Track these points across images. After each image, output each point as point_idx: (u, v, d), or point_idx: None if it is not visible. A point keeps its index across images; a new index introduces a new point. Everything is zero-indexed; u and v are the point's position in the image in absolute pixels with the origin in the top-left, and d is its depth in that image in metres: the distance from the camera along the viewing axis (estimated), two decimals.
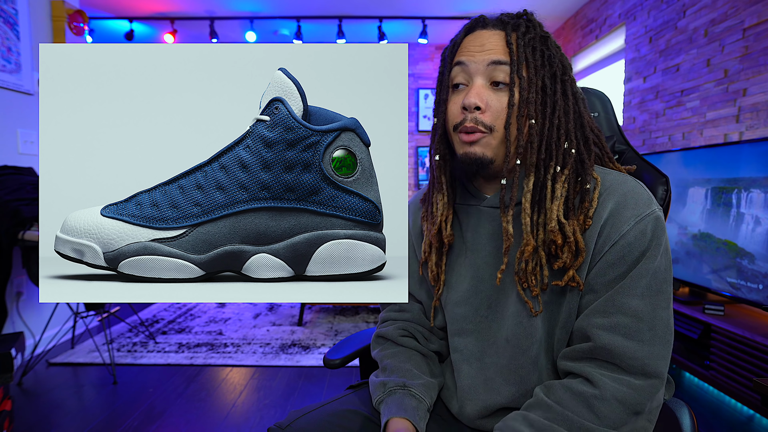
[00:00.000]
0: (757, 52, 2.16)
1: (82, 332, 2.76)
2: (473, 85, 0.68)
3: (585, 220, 0.65)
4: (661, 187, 0.84)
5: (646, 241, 0.63)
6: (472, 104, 0.67)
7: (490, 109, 0.67)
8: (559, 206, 0.66)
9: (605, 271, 0.65)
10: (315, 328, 2.91)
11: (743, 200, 1.82)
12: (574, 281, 0.65)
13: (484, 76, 0.68)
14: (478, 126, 0.67)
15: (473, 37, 0.71)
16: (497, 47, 0.68)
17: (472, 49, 0.69)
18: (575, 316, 0.68)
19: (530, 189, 0.67)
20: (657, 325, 0.62)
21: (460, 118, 0.69)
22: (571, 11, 4.24)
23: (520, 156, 0.68)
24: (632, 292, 0.63)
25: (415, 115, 5.39)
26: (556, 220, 0.65)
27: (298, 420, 0.75)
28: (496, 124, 0.68)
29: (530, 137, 0.67)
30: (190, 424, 1.77)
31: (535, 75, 0.67)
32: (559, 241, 0.65)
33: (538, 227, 0.67)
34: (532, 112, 0.66)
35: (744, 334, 1.67)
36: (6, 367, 1.66)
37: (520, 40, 0.68)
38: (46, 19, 2.66)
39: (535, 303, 0.68)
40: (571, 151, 0.67)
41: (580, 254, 0.65)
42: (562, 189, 0.66)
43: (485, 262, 0.74)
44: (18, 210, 2.06)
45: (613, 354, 0.62)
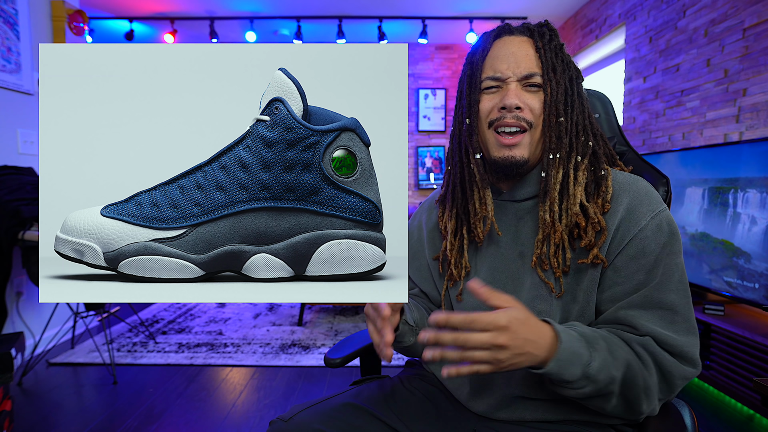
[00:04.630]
0: (757, 52, 2.16)
1: (82, 332, 2.76)
2: (510, 89, 0.74)
3: (603, 204, 0.71)
4: (661, 188, 0.85)
5: (663, 235, 0.69)
6: (513, 104, 0.73)
7: (528, 108, 0.74)
8: (581, 191, 0.72)
9: (628, 264, 0.70)
10: (315, 328, 2.91)
11: (740, 200, 1.82)
12: (598, 259, 0.70)
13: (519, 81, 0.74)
14: (521, 122, 0.73)
15: (502, 43, 0.76)
16: (528, 55, 0.74)
17: (503, 57, 0.75)
18: (593, 300, 0.72)
19: (559, 180, 0.73)
20: (689, 316, 0.68)
21: (497, 115, 0.74)
22: (571, 11, 4.24)
23: (552, 151, 0.73)
24: (667, 288, 0.68)
25: (415, 115, 5.39)
26: (579, 203, 0.72)
27: (300, 413, 0.75)
28: (535, 121, 0.74)
29: (559, 133, 0.73)
30: (190, 424, 1.77)
31: (561, 77, 0.74)
32: (582, 222, 0.71)
33: (562, 213, 0.73)
34: (561, 110, 0.73)
35: (744, 334, 1.67)
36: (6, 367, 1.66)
37: (546, 46, 0.75)
38: (46, 19, 2.66)
39: (555, 285, 0.73)
40: (588, 144, 0.74)
41: (602, 233, 0.70)
42: (583, 176, 0.73)
43: (502, 252, 0.79)
44: (18, 210, 2.06)
45: (657, 339, 0.67)
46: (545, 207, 0.73)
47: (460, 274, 0.81)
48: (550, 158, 0.73)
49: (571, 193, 0.72)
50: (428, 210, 0.92)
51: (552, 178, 0.73)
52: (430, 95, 5.35)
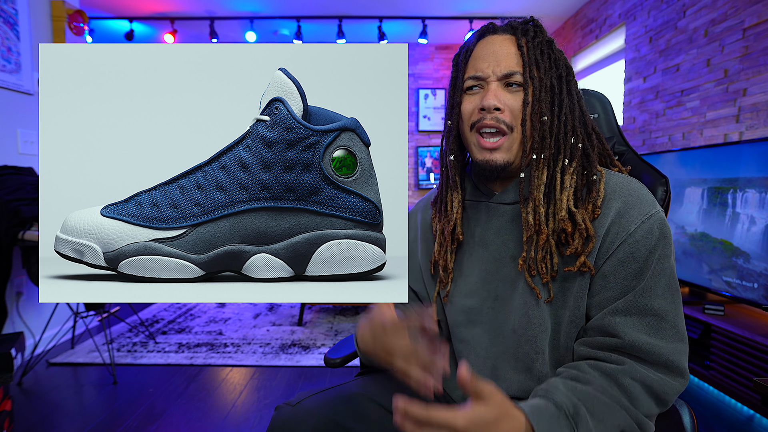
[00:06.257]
0: (757, 52, 2.16)
1: (82, 332, 2.76)
2: (489, 89, 0.72)
3: (594, 210, 0.69)
4: (660, 188, 0.85)
5: (653, 239, 0.67)
6: (491, 105, 0.71)
7: (508, 108, 0.72)
8: (569, 196, 0.70)
9: (617, 269, 0.68)
10: (315, 328, 2.91)
11: (739, 200, 1.82)
12: (585, 267, 0.68)
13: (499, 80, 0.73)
14: (500, 125, 0.71)
15: (485, 42, 0.75)
16: (509, 53, 0.73)
17: (485, 56, 0.73)
18: (583, 306, 0.71)
19: (543, 182, 0.71)
20: (678, 323, 0.66)
21: (478, 116, 0.73)
22: (571, 11, 4.24)
23: (535, 151, 0.71)
24: (653, 293, 0.66)
25: (415, 115, 5.39)
26: (566, 209, 0.69)
27: (306, 399, 0.75)
28: (514, 123, 0.72)
29: (543, 133, 0.71)
30: (190, 424, 1.77)
31: (545, 75, 0.72)
32: (569, 229, 0.69)
33: (549, 217, 0.71)
34: (545, 109, 0.71)
35: (744, 334, 1.67)
36: (6, 367, 1.66)
37: (529, 44, 0.73)
38: (46, 19, 2.66)
39: (543, 291, 0.71)
40: (577, 146, 0.72)
41: (590, 240, 0.68)
42: (570, 180, 0.71)
43: (493, 255, 0.78)
44: (18, 210, 2.06)
45: (640, 350, 0.65)
46: (527, 209, 0.71)
47: (447, 276, 0.81)
48: (533, 159, 0.71)
49: (557, 197, 0.70)
50: (423, 210, 0.92)
51: (536, 179, 0.71)
52: (430, 95, 5.35)
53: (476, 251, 0.79)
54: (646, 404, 0.64)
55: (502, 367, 0.75)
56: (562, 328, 0.72)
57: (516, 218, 0.77)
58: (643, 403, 0.63)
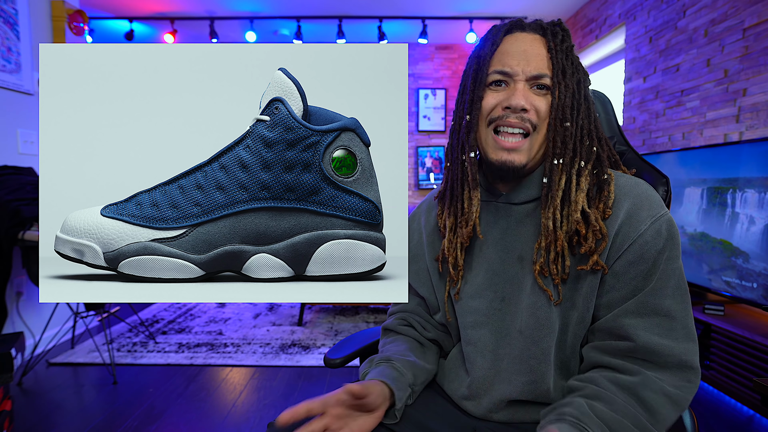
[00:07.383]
0: (757, 52, 2.16)
1: (82, 332, 2.76)
2: (517, 88, 0.71)
3: (605, 210, 0.70)
4: (661, 188, 0.85)
5: (662, 240, 0.67)
6: (519, 106, 0.70)
7: (534, 109, 0.71)
8: (583, 197, 0.70)
9: (627, 269, 0.68)
10: (315, 328, 2.91)
11: (738, 200, 1.82)
12: (598, 265, 0.68)
13: (527, 80, 0.72)
14: (525, 124, 0.71)
15: (513, 39, 0.74)
16: (539, 54, 0.72)
17: (514, 53, 0.72)
18: (592, 307, 0.71)
19: (562, 186, 0.71)
20: (688, 323, 0.67)
21: (500, 113, 0.72)
22: (571, 11, 4.24)
23: (557, 156, 0.71)
24: (663, 293, 0.67)
25: (415, 115, 5.39)
26: (581, 210, 0.70)
27: None
28: (539, 124, 0.72)
29: (564, 138, 0.71)
30: (190, 424, 1.77)
31: (570, 80, 0.72)
32: (583, 230, 0.69)
33: (563, 219, 0.71)
34: (567, 115, 0.71)
35: (744, 334, 1.67)
36: (6, 367, 1.66)
37: (558, 47, 0.72)
38: (46, 19, 2.66)
39: (554, 292, 0.71)
40: (592, 149, 0.72)
41: (603, 239, 0.68)
42: (585, 182, 0.71)
43: (500, 256, 0.77)
44: (18, 210, 2.06)
45: (653, 352, 0.65)
46: (548, 214, 0.71)
47: (458, 274, 0.80)
48: (554, 164, 0.71)
49: (573, 199, 0.70)
50: (427, 211, 0.90)
51: (555, 184, 0.71)
52: (430, 95, 5.35)
53: (482, 251, 0.79)
54: (667, 415, 0.64)
55: (507, 370, 0.75)
56: (569, 329, 0.72)
57: (524, 219, 0.76)
58: (665, 417, 0.64)
